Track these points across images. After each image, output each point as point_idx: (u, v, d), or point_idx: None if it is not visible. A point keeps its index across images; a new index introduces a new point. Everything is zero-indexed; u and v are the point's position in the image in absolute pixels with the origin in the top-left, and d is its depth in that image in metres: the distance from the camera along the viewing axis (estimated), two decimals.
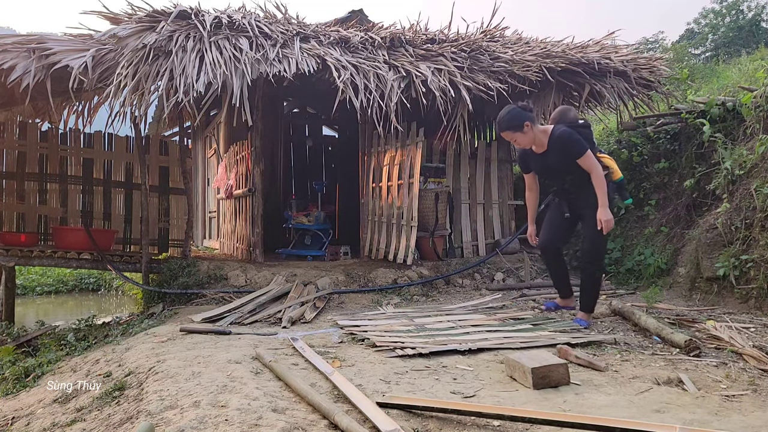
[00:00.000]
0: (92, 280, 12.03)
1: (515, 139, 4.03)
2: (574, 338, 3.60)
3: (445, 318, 4.41)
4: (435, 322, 4.26)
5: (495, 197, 7.57)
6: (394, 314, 4.66)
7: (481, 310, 4.85)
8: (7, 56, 5.05)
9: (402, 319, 4.40)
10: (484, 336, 3.71)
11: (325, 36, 6.31)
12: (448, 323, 4.20)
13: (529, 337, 3.65)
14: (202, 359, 3.13)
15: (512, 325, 4.11)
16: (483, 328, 4.01)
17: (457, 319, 4.37)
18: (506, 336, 3.71)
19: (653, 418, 2.23)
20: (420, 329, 3.97)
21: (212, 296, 5.51)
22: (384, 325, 4.15)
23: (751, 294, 4.54)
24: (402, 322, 4.26)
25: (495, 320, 4.31)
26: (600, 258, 4.21)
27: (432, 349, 3.34)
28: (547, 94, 6.76)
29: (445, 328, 4.03)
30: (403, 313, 4.72)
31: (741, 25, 18.76)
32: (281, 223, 8.28)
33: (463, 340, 3.54)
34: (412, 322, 4.23)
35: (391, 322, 4.27)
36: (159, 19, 5.72)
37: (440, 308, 4.94)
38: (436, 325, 4.15)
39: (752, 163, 5.09)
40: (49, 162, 6.95)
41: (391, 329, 3.99)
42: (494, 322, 4.26)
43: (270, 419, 2.16)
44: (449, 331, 3.92)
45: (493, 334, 3.76)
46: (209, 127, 10.43)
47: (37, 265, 6.64)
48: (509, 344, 3.46)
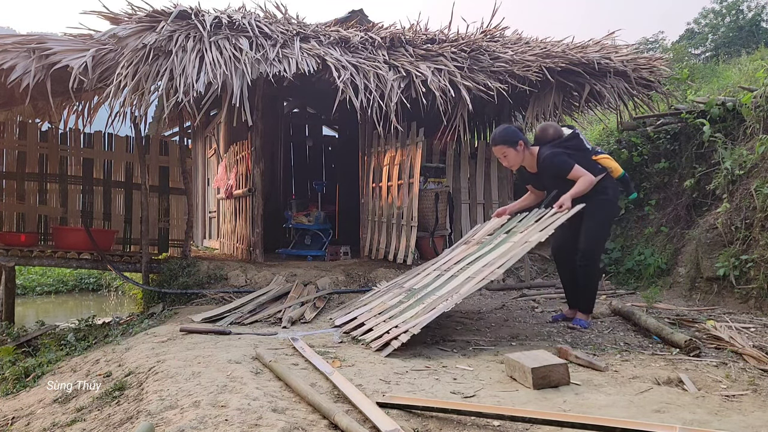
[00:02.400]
0: (92, 280, 12.02)
1: (506, 154, 4.10)
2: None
3: (431, 268, 4.43)
4: (422, 277, 4.29)
5: (495, 197, 7.57)
6: (387, 288, 4.67)
7: (459, 243, 4.88)
8: (7, 56, 5.05)
9: (394, 290, 4.42)
10: (467, 276, 3.73)
11: (325, 36, 6.31)
12: (434, 272, 4.22)
13: (506, 251, 3.72)
14: (202, 359, 3.13)
15: (489, 243, 4.15)
16: (464, 261, 4.04)
17: (442, 263, 4.39)
18: (484, 264, 3.74)
19: (653, 418, 2.23)
20: (411, 294, 3.98)
21: (212, 296, 5.51)
22: (377, 304, 4.15)
23: (751, 294, 4.54)
24: (393, 293, 4.27)
25: (474, 246, 4.34)
26: (596, 258, 4.20)
27: (423, 321, 3.33)
28: (547, 94, 6.76)
29: (431, 281, 4.05)
30: (394, 282, 4.75)
31: (741, 25, 18.77)
32: (281, 223, 8.28)
33: (449, 294, 3.57)
34: (402, 289, 4.26)
35: (383, 298, 4.27)
36: (159, 19, 5.72)
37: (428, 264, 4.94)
38: (423, 280, 4.16)
39: (752, 163, 5.09)
40: (49, 162, 6.95)
41: (384, 307, 3.99)
42: (474, 248, 4.27)
43: (270, 419, 2.16)
44: (435, 283, 3.94)
45: (474, 267, 3.79)
46: (209, 127, 10.44)
47: (37, 265, 6.64)
48: (490, 275, 3.52)
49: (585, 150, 4.18)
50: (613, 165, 4.15)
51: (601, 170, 4.08)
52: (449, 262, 4.29)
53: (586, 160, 4.10)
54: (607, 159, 4.19)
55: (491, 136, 4.26)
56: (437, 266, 4.39)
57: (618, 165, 4.18)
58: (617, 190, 4.20)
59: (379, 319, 3.78)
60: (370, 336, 3.59)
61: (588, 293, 4.18)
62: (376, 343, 3.40)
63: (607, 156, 4.23)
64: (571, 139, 4.20)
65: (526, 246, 3.69)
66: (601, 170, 4.08)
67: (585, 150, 4.18)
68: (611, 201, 4.12)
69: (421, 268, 4.76)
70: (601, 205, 4.02)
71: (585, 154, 4.14)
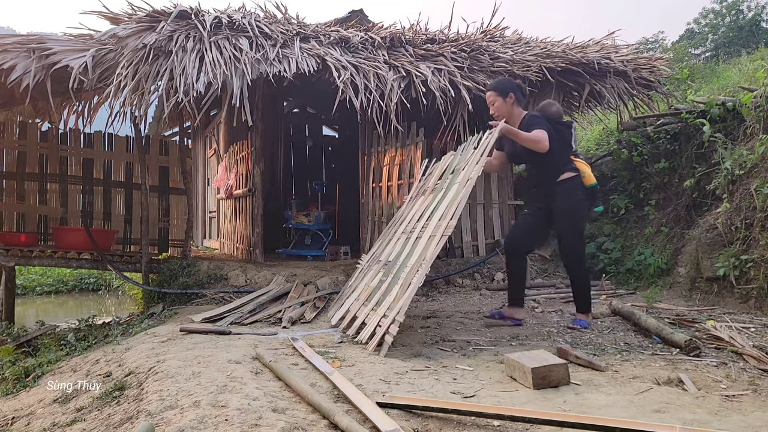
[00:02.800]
0: (92, 280, 12.02)
1: (494, 102, 4.11)
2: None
3: (399, 231, 4.45)
4: (393, 244, 4.32)
5: (495, 197, 7.57)
6: (367, 265, 4.71)
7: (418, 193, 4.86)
8: (7, 56, 5.05)
9: (373, 265, 4.46)
10: (428, 235, 3.73)
11: (325, 36, 6.31)
12: (403, 236, 4.25)
13: (453, 196, 3.73)
14: (202, 359, 3.13)
15: (440, 189, 4.14)
16: (424, 217, 4.06)
17: (407, 223, 4.41)
18: (440, 217, 3.74)
19: (653, 418, 2.23)
20: (388, 269, 4.00)
21: (212, 296, 5.51)
22: (363, 289, 4.17)
23: (751, 294, 4.54)
24: (374, 271, 4.30)
25: (430, 195, 4.35)
26: (580, 258, 4.19)
27: (404, 306, 3.31)
28: (547, 94, 6.75)
29: (401, 248, 4.07)
30: (372, 256, 4.76)
31: (741, 25, 18.76)
32: (281, 223, 8.28)
33: (417, 263, 3.56)
34: (380, 264, 4.29)
35: (366, 280, 4.29)
36: (159, 19, 5.72)
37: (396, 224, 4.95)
38: (395, 248, 4.19)
39: (752, 163, 5.09)
40: (49, 162, 6.95)
41: (369, 291, 4.00)
42: (429, 198, 4.29)
43: (270, 419, 2.16)
44: (405, 250, 3.96)
45: (432, 222, 3.81)
46: (209, 127, 10.44)
47: (37, 265, 6.64)
48: (447, 230, 3.53)
49: (569, 143, 4.19)
50: (587, 172, 4.12)
51: (574, 169, 4.07)
52: (412, 220, 4.28)
53: (565, 151, 4.10)
54: (584, 165, 4.15)
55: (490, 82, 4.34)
56: (404, 227, 4.39)
57: (592, 174, 4.14)
58: (586, 193, 4.13)
59: (367, 308, 3.79)
60: (365, 334, 3.58)
61: (582, 294, 4.17)
62: (373, 343, 3.39)
63: (584, 162, 4.19)
64: (565, 125, 4.22)
65: (470, 183, 3.69)
66: (573, 169, 4.07)
67: (569, 143, 4.19)
68: (581, 201, 4.09)
69: (391, 230, 4.73)
70: (571, 207, 4.04)
71: (566, 145, 4.13)
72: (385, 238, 4.74)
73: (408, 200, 4.77)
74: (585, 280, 4.21)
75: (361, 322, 3.77)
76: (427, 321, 4.46)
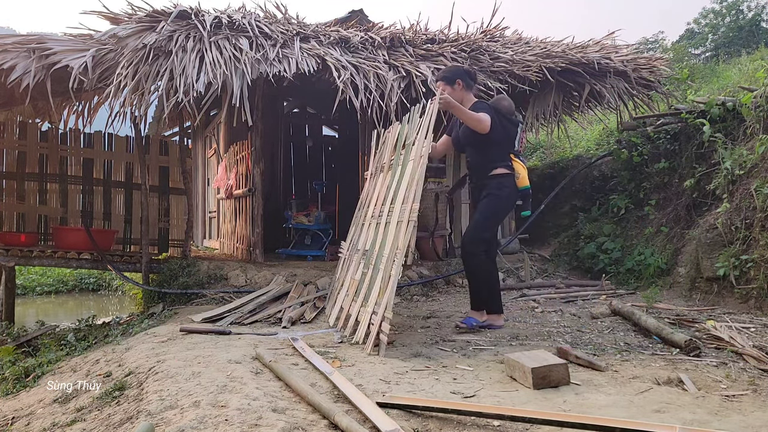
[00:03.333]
0: (92, 280, 12.02)
1: (444, 92, 4.08)
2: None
3: (369, 215, 4.45)
4: (366, 231, 4.30)
5: None
6: (348, 255, 4.70)
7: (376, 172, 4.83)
8: (7, 56, 5.05)
9: (354, 255, 4.44)
10: (396, 220, 3.70)
11: (325, 36, 6.31)
12: (374, 222, 4.23)
13: (410, 175, 3.72)
14: (202, 359, 3.13)
15: (396, 164, 4.14)
16: (388, 200, 4.04)
17: (372, 207, 4.40)
18: (402, 201, 3.73)
19: (653, 418, 2.23)
20: (367, 259, 3.98)
21: (212, 296, 5.51)
22: (350, 283, 4.16)
23: (751, 294, 4.54)
24: (356, 262, 4.28)
25: (388, 173, 4.35)
26: (475, 252, 3.98)
27: (390, 300, 3.31)
28: (547, 94, 6.76)
29: (374, 236, 4.06)
30: (352, 245, 4.74)
31: (741, 25, 18.76)
32: (281, 223, 8.27)
33: (392, 252, 3.56)
34: (359, 253, 4.27)
35: (350, 272, 4.26)
36: (159, 19, 5.72)
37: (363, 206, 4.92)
38: (370, 236, 4.17)
39: (752, 163, 5.09)
40: (49, 162, 6.95)
41: (356, 286, 4.00)
42: (388, 176, 4.29)
43: (270, 419, 2.16)
44: (378, 238, 3.93)
45: (396, 206, 3.78)
46: (209, 127, 10.43)
47: (37, 265, 6.64)
48: (412, 214, 3.51)
49: (512, 141, 4.15)
50: (523, 173, 4.09)
51: (509, 167, 4.05)
52: (378, 203, 4.25)
53: (505, 147, 4.08)
54: (522, 166, 4.12)
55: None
56: (372, 210, 4.36)
57: (527, 178, 4.11)
58: (515, 193, 4.09)
59: (357, 304, 3.79)
60: (361, 333, 3.58)
61: (478, 293, 4.06)
62: (369, 343, 3.38)
63: (523, 165, 4.15)
64: (512, 121, 4.20)
65: (423, 161, 3.64)
66: (508, 167, 4.04)
67: (512, 141, 4.15)
68: (503, 199, 4.04)
69: (361, 212, 4.71)
70: (494, 200, 4.02)
71: (509, 142, 4.11)
72: (358, 222, 4.70)
73: (369, 177, 4.73)
74: (478, 275, 4.02)
75: (354, 319, 3.77)
76: (427, 321, 4.46)
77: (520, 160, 4.16)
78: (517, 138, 4.23)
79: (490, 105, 4.13)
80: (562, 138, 8.96)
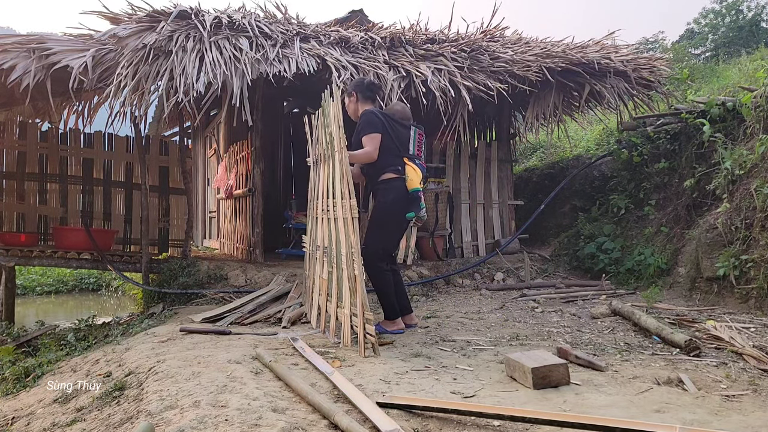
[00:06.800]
0: (92, 280, 12.02)
1: (346, 104, 4.25)
2: None
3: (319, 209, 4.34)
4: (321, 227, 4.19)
5: (495, 197, 7.58)
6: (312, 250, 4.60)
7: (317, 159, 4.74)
8: (7, 56, 5.05)
9: (316, 253, 4.36)
10: (342, 216, 3.63)
11: (325, 36, 6.31)
12: (325, 217, 4.12)
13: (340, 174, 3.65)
14: (202, 359, 3.13)
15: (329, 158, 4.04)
16: (332, 194, 3.97)
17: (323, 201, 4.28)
18: (341, 197, 3.66)
19: (653, 418, 2.23)
20: (329, 256, 3.92)
21: (212, 296, 5.51)
22: (319, 282, 4.12)
23: (751, 294, 4.54)
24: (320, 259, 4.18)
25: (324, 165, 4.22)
26: (371, 260, 3.90)
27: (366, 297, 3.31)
28: (547, 94, 6.77)
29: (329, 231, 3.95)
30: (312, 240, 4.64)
31: (741, 25, 18.77)
32: (281, 223, 8.27)
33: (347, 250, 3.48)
34: (320, 250, 4.17)
35: (317, 271, 4.20)
36: (159, 19, 5.72)
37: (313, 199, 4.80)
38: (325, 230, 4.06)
39: (752, 163, 5.09)
40: (49, 162, 6.95)
41: (326, 287, 3.95)
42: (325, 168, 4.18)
43: (270, 419, 2.16)
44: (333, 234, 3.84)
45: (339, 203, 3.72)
46: (209, 127, 10.43)
47: (37, 265, 6.64)
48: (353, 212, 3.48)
49: (405, 144, 4.10)
50: (412, 176, 4.02)
51: (397, 171, 3.98)
52: (324, 196, 4.12)
53: (393, 152, 4.00)
54: (413, 170, 4.05)
55: None
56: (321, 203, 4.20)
57: (417, 182, 4.04)
58: (403, 197, 4.00)
59: (332, 304, 3.76)
60: (346, 337, 3.53)
61: (379, 297, 4.02)
62: (360, 348, 3.32)
63: (415, 168, 4.06)
64: (402, 125, 4.13)
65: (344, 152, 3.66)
66: (396, 171, 3.98)
67: (405, 144, 4.10)
68: (388, 204, 3.96)
69: (312, 204, 4.65)
70: (380, 207, 3.99)
71: (401, 146, 4.05)
72: (312, 215, 4.63)
73: (312, 166, 4.69)
74: (377, 284, 3.98)
75: (335, 319, 3.74)
76: (427, 321, 4.46)
77: (416, 164, 4.09)
78: (412, 141, 4.15)
79: (378, 112, 4.06)
80: (562, 138, 8.98)
